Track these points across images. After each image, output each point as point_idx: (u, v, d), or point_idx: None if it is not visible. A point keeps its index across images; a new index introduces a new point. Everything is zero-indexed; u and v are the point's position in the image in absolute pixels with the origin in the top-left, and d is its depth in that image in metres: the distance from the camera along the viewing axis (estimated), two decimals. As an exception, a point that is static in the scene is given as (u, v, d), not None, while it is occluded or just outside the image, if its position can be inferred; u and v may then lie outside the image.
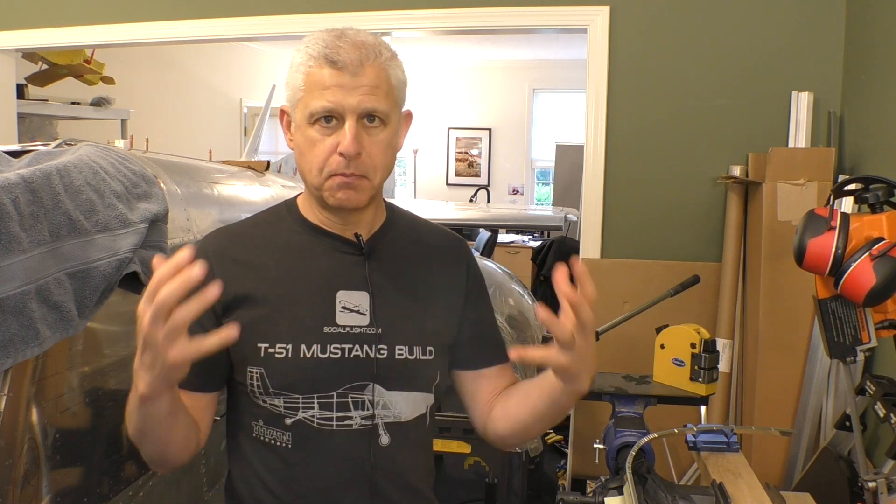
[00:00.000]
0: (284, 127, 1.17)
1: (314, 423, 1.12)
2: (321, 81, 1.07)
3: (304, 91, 1.09)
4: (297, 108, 1.11)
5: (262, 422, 1.15)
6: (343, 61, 1.07)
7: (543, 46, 7.09)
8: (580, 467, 2.59)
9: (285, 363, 1.11)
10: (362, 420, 1.13)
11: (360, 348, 1.14)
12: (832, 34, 2.38)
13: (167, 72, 5.73)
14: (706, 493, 1.29)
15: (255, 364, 1.12)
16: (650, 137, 2.53)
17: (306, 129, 1.09)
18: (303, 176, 1.14)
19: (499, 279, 2.51)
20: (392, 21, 2.73)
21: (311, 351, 1.12)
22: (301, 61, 1.10)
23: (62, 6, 3.02)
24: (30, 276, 1.22)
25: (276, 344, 1.12)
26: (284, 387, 1.12)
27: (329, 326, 1.13)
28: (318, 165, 1.09)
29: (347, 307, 1.14)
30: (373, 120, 1.10)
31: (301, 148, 1.12)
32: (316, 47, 1.08)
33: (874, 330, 1.39)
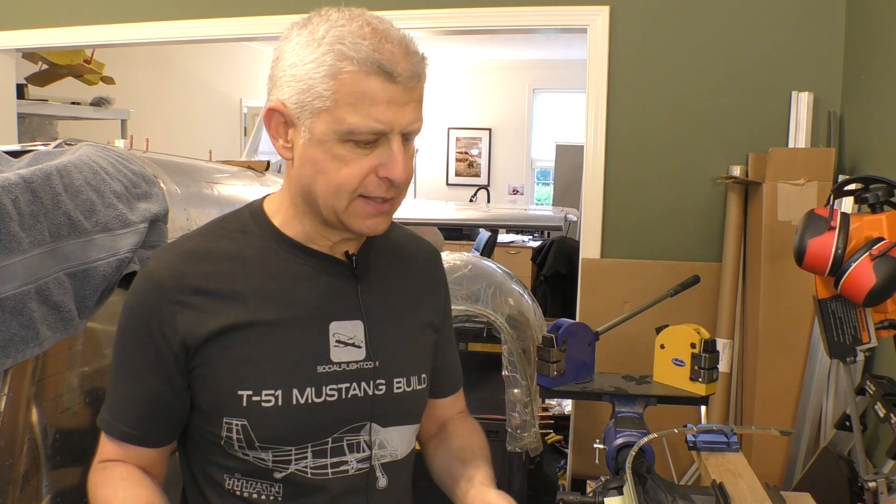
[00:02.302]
0: (276, 130, 0.94)
1: (308, 473, 0.98)
2: (372, 93, 0.87)
3: (332, 99, 0.87)
4: (319, 118, 0.89)
5: (240, 475, 0.99)
6: (400, 73, 0.87)
7: (543, 46, 7.08)
8: (580, 467, 2.59)
9: (274, 413, 0.94)
10: (358, 464, 1.01)
11: (358, 386, 0.99)
12: (832, 34, 2.38)
13: (167, 72, 5.72)
14: (706, 493, 1.29)
15: (235, 415, 0.95)
16: (650, 137, 2.53)
17: (333, 146, 0.89)
18: (312, 196, 0.93)
19: (499, 279, 2.51)
20: (392, 21, 2.73)
21: (304, 396, 0.95)
22: (329, 61, 0.87)
23: (62, 6, 3.02)
24: (30, 276, 1.22)
25: (262, 391, 0.94)
26: (274, 440, 0.96)
27: (323, 365, 0.97)
28: (349, 188, 0.90)
29: (342, 340, 0.99)
30: (409, 137, 0.94)
31: (322, 166, 0.90)
32: (360, 50, 0.86)
33: (874, 330, 1.39)
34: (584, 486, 2.54)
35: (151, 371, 0.96)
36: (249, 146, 5.68)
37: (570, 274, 5.16)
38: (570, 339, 1.67)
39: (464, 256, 2.64)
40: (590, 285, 2.56)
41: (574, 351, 1.68)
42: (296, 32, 0.91)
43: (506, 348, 2.32)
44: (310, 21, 0.91)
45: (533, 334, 2.40)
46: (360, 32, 0.88)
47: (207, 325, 0.94)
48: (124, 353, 0.99)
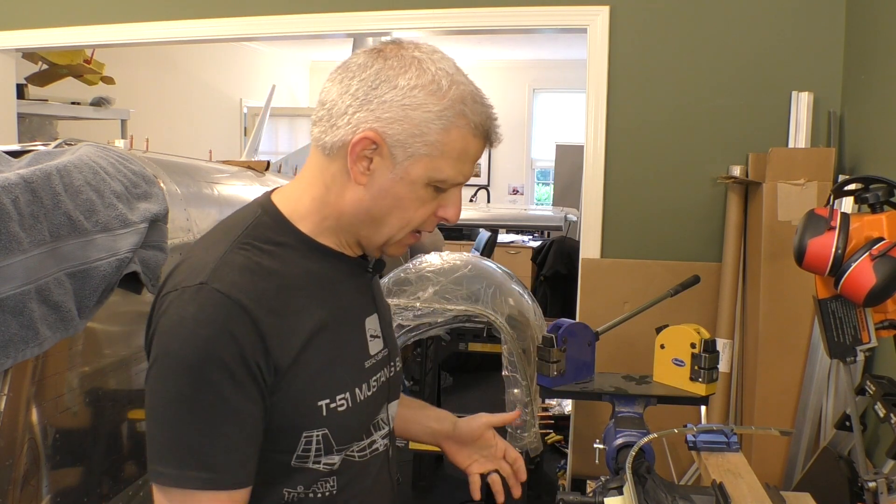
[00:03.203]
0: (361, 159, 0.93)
1: (356, 457, 1.03)
2: (471, 153, 0.96)
3: (440, 149, 0.92)
4: (419, 162, 0.92)
5: (303, 486, 0.98)
6: (495, 141, 0.99)
7: (543, 46, 7.09)
8: (580, 467, 2.59)
9: (347, 415, 0.97)
10: (383, 440, 1.08)
11: (384, 373, 1.08)
12: (832, 34, 2.38)
13: (167, 72, 5.73)
14: (706, 493, 1.29)
15: (315, 426, 0.95)
16: (650, 137, 2.53)
17: (419, 188, 0.94)
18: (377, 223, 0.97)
19: (499, 279, 2.51)
20: (392, 21, 2.73)
21: (362, 392, 1.01)
22: (449, 117, 0.92)
23: (62, 6, 3.02)
24: (30, 276, 1.22)
25: (336, 396, 0.96)
26: (348, 440, 1.00)
27: (367, 360, 1.04)
28: (416, 225, 0.98)
29: (373, 334, 1.07)
30: None
31: (403, 203, 0.95)
32: (477, 114, 0.94)
33: (874, 330, 1.39)
34: (584, 486, 2.54)
35: (251, 402, 0.88)
36: (249, 146, 5.69)
37: (570, 274, 5.16)
38: (570, 339, 1.67)
39: (464, 256, 2.64)
40: (590, 285, 2.57)
41: (574, 351, 1.68)
42: (414, 72, 0.92)
43: (506, 348, 2.32)
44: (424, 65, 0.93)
45: (533, 334, 2.40)
46: (474, 94, 0.95)
47: (292, 344, 0.92)
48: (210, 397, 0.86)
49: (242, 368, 0.86)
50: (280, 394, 0.91)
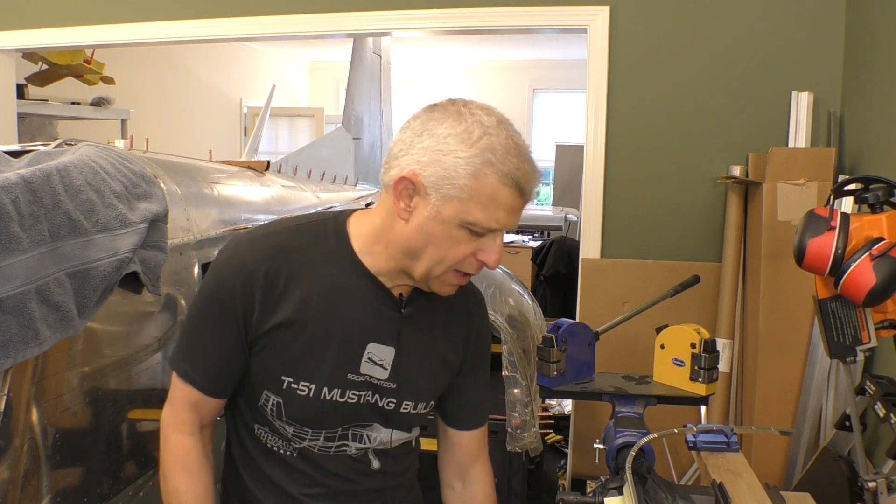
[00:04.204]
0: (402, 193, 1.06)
1: (315, 450, 1.19)
2: (501, 201, 1.03)
3: (469, 195, 1.02)
4: (450, 203, 1.03)
5: (268, 430, 1.19)
6: (528, 192, 1.05)
7: (543, 46, 7.09)
8: (580, 467, 2.59)
9: (305, 401, 1.14)
10: (356, 449, 1.20)
11: (372, 396, 1.17)
12: (832, 34, 2.38)
13: (167, 72, 5.73)
14: (706, 493, 1.29)
15: (274, 392, 1.15)
16: (650, 137, 2.53)
17: (452, 228, 1.04)
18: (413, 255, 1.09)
19: (499, 279, 2.51)
20: (392, 21, 2.73)
21: (331, 394, 1.14)
22: (478, 164, 1.01)
23: (62, 6, 3.02)
24: (30, 276, 1.22)
25: (301, 381, 1.13)
26: (298, 420, 1.16)
27: (353, 374, 1.15)
28: (451, 264, 1.07)
29: (373, 359, 1.16)
30: None
31: (437, 240, 1.06)
32: (505, 164, 1.02)
33: (874, 330, 1.39)
34: (584, 486, 2.54)
35: (232, 340, 1.13)
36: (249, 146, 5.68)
37: (570, 274, 5.16)
38: (570, 339, 1.67)
39: (464, 256, 2.64)
40: (590, 285, 2.57)
41: (574, 351, 1.68)
42: (451, 123, 1.04)
43: (506, 348, 2.32)
44: (463, 117, 1.04)
45: (533, 334, 2.40)
46: (507, 146, 1.03)
47: (273, 318, 1.11)
48: (208, 317, 1.14)
49: (232, 315, 1.12)
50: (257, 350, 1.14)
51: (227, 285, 1.12)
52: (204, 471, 1.18)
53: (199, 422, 1.19)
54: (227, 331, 1.13)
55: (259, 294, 1.10)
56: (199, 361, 1.16)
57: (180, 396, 1.18)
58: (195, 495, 1.16)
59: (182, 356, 1.18)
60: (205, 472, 1.19)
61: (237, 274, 1.11)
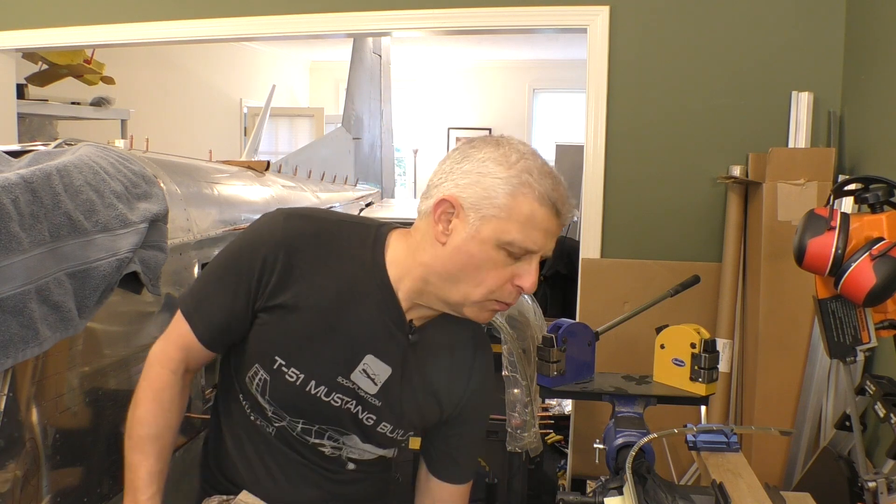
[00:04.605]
0: (441, 216, 1.08)
1: (294, 433, 1.21)
2: (539, 221, 1.05)
3: (507, 214, 1.04)
4: (488, 223, 1.05)
5: (250, 404, 1.22)
6: (564, 213, 1.07)
7: (543, 46, 7.09)
8: (580, 467, 2.59)
9: (290, 387, 1.16)
10: (332, 450, 1.23)
11: (355, 406, 1.19)
12: (832, 34, 2.38)
13: (167, 72, 5.73)
14: (706, 493, 1.29)
15: (263, 369, 1.17)
16: (650, 137, 2.53)
17: (490, 249, 1.05)
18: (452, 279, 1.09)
19: (499, 279, 2.50)
20: (392, 21, 2.73)
21: (317, 390, 1.16)
22: (515, 183, 1.04)
23: (62, 6, 3.02)
24: (30, 276, 1.22)
25: (291, 367, 1.15)
26: (279, 402, 1.18)
27: (343, 378, 1.16)
28: (490, 289, 1.07)
29: (367, 371, 1.17)
30: None
31: (476, 262, 1.06)
32: (542, 185, 1.05)
33: (874, 330, 1.39)
34: (584, 486, 2.54)
35: (241, 302, 1.15)
36: (249, 146, 5.68)
37: (570, 274, 5.15)
38: (570, 339, 1.67)
39: (464, 256, 2.64)
40: (590, 285, 2.57)
41: (574, 351, 1.68)
42: (490, 149, 1.08)
43: (506, 348, 2.31)
44: (501, 145, 1.09)
45: (533, 334, 2.40)
46: (543, 170, 1.07)
47: (282, 295, 1.13)
48: (228, 271, 1.17)
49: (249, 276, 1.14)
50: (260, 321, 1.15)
51: (253, 250, 1.14)
52: (174, 409, 1.21)
53: (184, 364, 1.22)
54: (238, 291, 1.15)
55: (279, 268, 1.12)
56: (204, 308, 1.19)
57: (176, 335, 1.21)
58: (158, 427, 1.18)
59: (191, 297, 1.22)
60: (174, 411, 1.21)
61: (266, 243, 1.14)
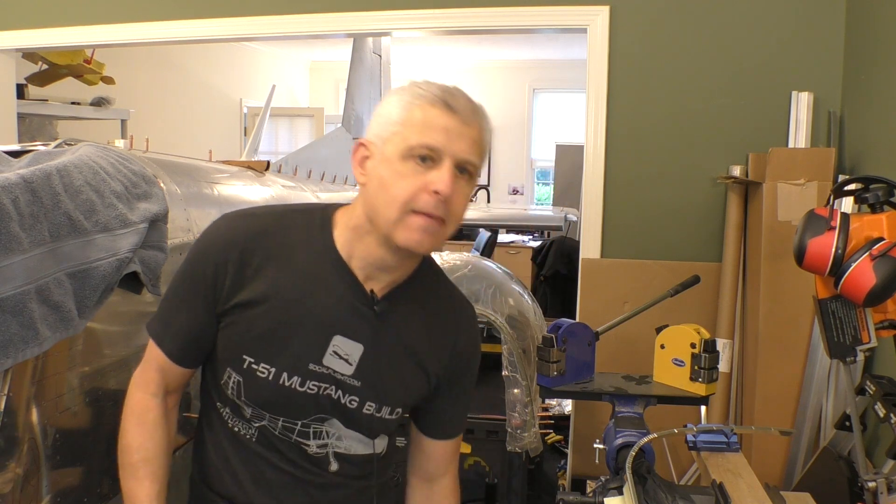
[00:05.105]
0: (358, 161, 1.12)
1: (276, 432, 1.19)
2: (430, 120, 1.06)
3: (403, 125, 1.07)
4: (390, 141, 1.08)
5: (229, 410, 1.21)
6: (457, 106, 1.07)
7: (543, 46, 7.09)
8: (580, 467, 2.59)
9: (263, 383, 1.14)
10: (317, 448, 1.20)
11: (335, 391, 1.16)
12: (832, 34, 2.38)
13: (167, 72, 5.73)
14: (706, 493, 1.29)
15: (235, 371, 1.16)
16: (650, 137, 2.53)
17: (396, 163, 1.07)
18: (375, 209, 1.09)
19: (499, 279, 2.50)
20: (392, 21, 2.73)
21: (291, 381, 1.14)
22: (407, 99, 1.09)
23: (62, 6, 3.02)
24: (30, 276, 1.22)
25: (261, 363, 1.14)
26: (256, 402, 1.16)
27: (315, 364, 1.15)
28: (403, 199, 1.06)
29: (338, 353, 1.15)
30: (463, 172, 1.09)
31: (385, 180, 1.07)
32: (429, 90, 1.08)
33: (874, 330, 1.39)
34: (584, 486, 2.54)
35: (203, 311, 1.16)
36: (249, 146, 5.68)
37: (570, 274, 5.16)
38: (570, 339, 1.67)
39: (464, 256, 2.64)
40: (590, 285, 2.57)
41: (574, 351, 1.68)
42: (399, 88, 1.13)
43: (506, 348, 2.32)
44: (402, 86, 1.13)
45: (533, 334, 2.40)
46: (432, 83, 1.10)
47: (241, 294, 1.14)
48: (185, 286, 1.18)
49: (204, 284, 1.15)
50: (223, 324, 1.16)
51: (204, 256, 1.16)
52: (160, 431, 1.20)
53: (164, 386, 1.22)
54: (197, 302, 1.16)
55: (232, 268, 1.13)
56: (170, 327, 1.20)
57: (151, 358, 1.22)
58: (147, 451, 1.18)
59: (157, 320, 1.22)
60: (161, 433, 1.20)
61: (215, 246, 1.15)
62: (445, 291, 1.28)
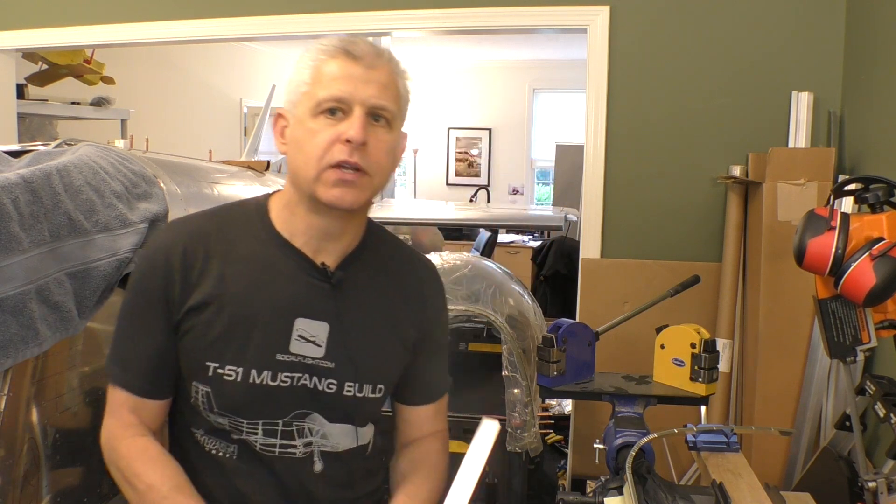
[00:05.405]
0: (278, 133, 1.11)
1: (256, 447, 1.11)
2: (332, 72, 1.04)
3: (309, 84, 1.05)
4: (300, 102, 1.06)
5: (204, 431, 1.13)
6: (358, 52, 1.05)
7: (543, 46, 7.08)
8: (580, 467, 2.59)
9: (233, 386, 1.08)
10: (304, 448, 1.13)
11: (310, 379, 1.11)
12: (832, 34, 2.38)
13: (167, 72, 5.72)
14: (706, 493, 1.29)
15: (201, 381, 1.09)
16: (650, 137, 2.53)
17: (307, 122, 1.05)
18: (296, 172, 1.07)
19: (499, 279, 2.50)
20: (392, 21, 2.73)
21: (261, 377, 1.08)
22: (311, 57, 1.07)
23: (62, 6, 3.02)
24: (30, 276, 1.22)
25: (226, 366, 1.08)
26: (230, 409, 1.10)
27: (282, 354, 1.09)
28: (317, 154, 1.03)
29: (304, 336, 1.09)
30: (378, 119, 1.06)
31: (299, 141, 1.06)
32: (329, 43, 1.06)
33: (874, 330, 1.39)
34: (584, 486, 2.54)
35: (160, 330, 1.10)
36: (249, 146, 5.68)
37: (570, 274, 5.16)
38: (570, 339, 1.67)
39: (464, 256, 2.64)
40: (590, 285, 2.56)
41: (574, 351, 1.68)
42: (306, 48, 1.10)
43: (506, 348, 2.32)
44: None
45: (533, 334, 2.40)
46: (338, 37, 1.07)
47: (192, 298, 1.08)
48: (135, 313, 1.12)
49: (157, 301, 1.09)
50: (181, 336, 1.10)
51: (147, 272, 1.11)
52: (171, 462, 1.09)
53: (143, 426, 1.12)
54: (154, 321, 1.09)
55: (178, 275, 1.08)
56: (131, 362, 1.11)
57: (119, 404, 1.12)
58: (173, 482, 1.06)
59: (113, 361, 1.13)
60: (172, 463, 1.09)
61: (156, 258, 1.11)
62: (400, 252, 1.24)
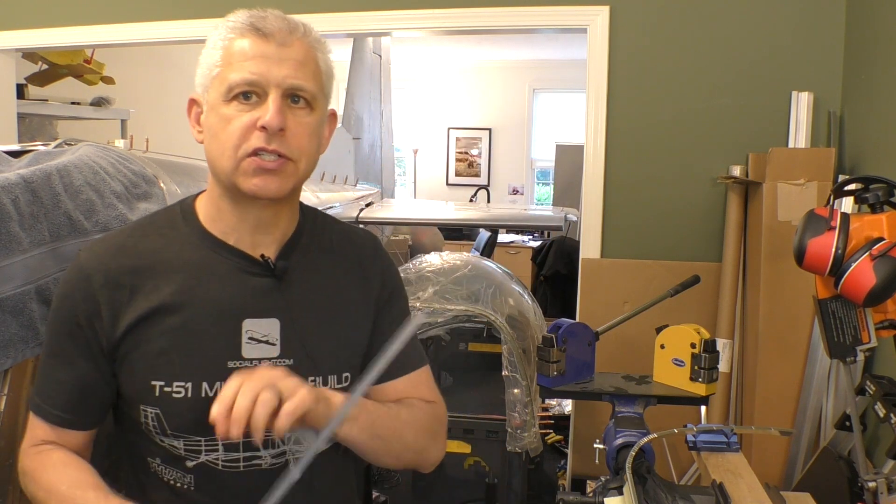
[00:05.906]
0: (193, 120, 1.04)
1: (219, 465, 1.02)
2: (242, 52, 0.96)
3: (220, 66, 0.98)
4: (212, 87, 0.99)
5: (160, 460, 1.05)
6: (269, 29, 0.96)
7: (543, 46, 7.08)
8: (580, 467, 2.59)
9: (184, 404, 0.99)
10: (273, 459, 1.04)
11: None
12: (832, 34, 2.38)
13: (167, 72, 5.72)
14: (706, 493, 1.29)
15: (149, 403, 1.00)
16: (650, 137, 2.53)
17: (220, 108, 0.97)
18: (213, 163, 1.00)
19: (499, 279, 2.51)
20: (392, 21, 2.73)
21: (213, 389, 0.99)
22: (220, 36, 0.99)
23: (62, 6, 3.02)
24: (30, 276, 1.22)
25: (174, 382, 0.99)
26: (184, 429, 1.01)
27: (234, 360, 1.00)
28: (233, 144, 0.96)
29: (255, 338, 1.02)
30: (297, 101, 0.98)
31: (214, 129, 0.98)
32: (237, 20, 0.98)
33: (874, 330, 1.39)
34: (584, 486, 2.54)
35: (82, 358, 1.02)
36: (249, 146, 5.67)
37: (570, 274, 5.16)
38: (570, 339, 1.67)
39: (464, 256, 2.64)
40: (590, 285, 2.57)
41: (574, 351, 1.68)
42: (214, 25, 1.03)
43: (506, 348, 2.32)
44: None
45: (533, 334, 2.40)
46: (246, 12, 0.99)
47: (126, 318, 1.00)
48: (56, 340, 1.04)
49: (77, 328, 1.01)
50: (120, 360, 1.01)
51: (67, 298, 1.02)
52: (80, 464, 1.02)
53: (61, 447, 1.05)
54: (75, 349, 1.01)
55: (103, 298, 0.99)
56: (52, 391, 1.03)
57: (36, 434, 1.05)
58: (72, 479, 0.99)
59: (36, 391, 1.06)
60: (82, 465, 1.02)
61: (75, 283, 1.01)
62: (338, 230, 1.16)
